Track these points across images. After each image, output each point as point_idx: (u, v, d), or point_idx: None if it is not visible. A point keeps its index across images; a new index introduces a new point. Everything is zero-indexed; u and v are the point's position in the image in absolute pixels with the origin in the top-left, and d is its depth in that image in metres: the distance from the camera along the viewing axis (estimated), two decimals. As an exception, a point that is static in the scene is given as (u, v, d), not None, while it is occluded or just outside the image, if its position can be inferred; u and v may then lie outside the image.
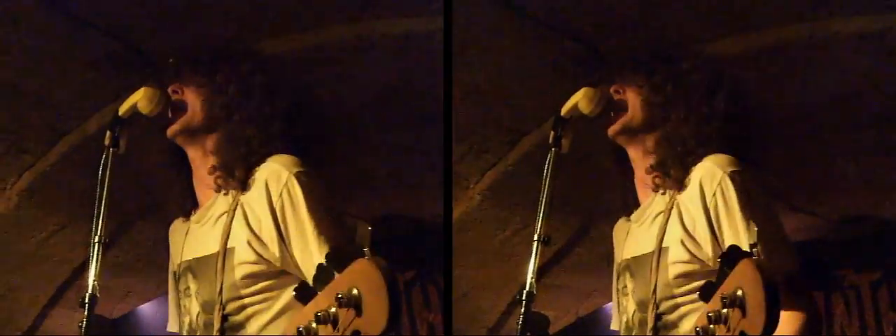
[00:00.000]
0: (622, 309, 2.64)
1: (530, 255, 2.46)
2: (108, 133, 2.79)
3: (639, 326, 2.53)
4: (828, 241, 5.13)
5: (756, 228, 2.28)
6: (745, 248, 2.24)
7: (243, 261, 2.40)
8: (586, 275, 4.79)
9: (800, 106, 3.92)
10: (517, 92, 3.92)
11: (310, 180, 2.43)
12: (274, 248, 2.37)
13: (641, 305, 2.52)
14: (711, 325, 1.80)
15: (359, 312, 1.57)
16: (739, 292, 1.75)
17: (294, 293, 1.73)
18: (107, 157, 2.62)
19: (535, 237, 2.49)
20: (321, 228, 2.36)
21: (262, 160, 2.49)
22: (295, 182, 2.40)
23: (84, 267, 5.35)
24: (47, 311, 5.17)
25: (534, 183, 2.67)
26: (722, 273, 1.82)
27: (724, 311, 1.77)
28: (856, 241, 5.04)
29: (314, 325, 1.63)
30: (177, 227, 2.71)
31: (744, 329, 1.73)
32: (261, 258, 2.39)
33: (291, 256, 2.37)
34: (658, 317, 2.46)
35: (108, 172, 2.60)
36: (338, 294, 1.60)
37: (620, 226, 2.76)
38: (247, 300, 2.39)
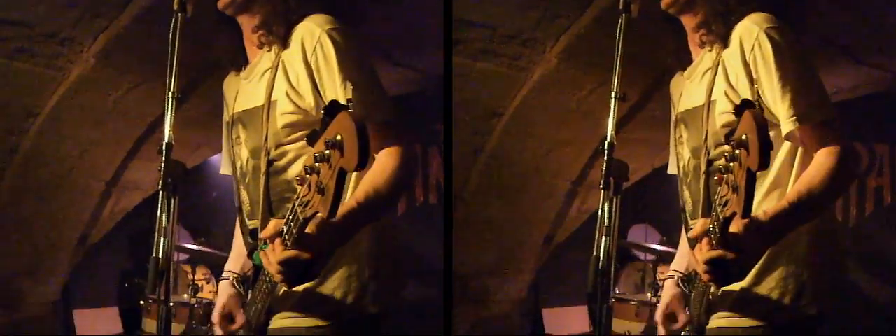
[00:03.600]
0: (679, 156, 2.75)
1: (607, 112, 2.56)
2: (176, -1, 2.86)
3: (693, 171, 2.61)
4: (894, 94, 5.19)
5: (787, 76, 2.40)
6: (779, 93, 2.39)
7: (284, 111, 2.51)
8: (660, 129, 4.81)
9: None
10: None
11: (341, 37, 2.50)
12: (309, 99, 2.48)
13: (695, 152, 2.61)
14: (729, 164, 2.06)
15: (342, 153, 1.94)
16: (744, 137, 2.00)
17: (305, 139, 2.01)
18: (176, 22, 2.70)
19: (613, 94, 2.57)
20: (344, 85, 2.47)
21: (300, 19, 2.56)
22: (327, 39, 2.49)
23: (159, 121, 5.55)
24: (127, 163, 5.40)
25: (606, 44, 2.69)
26: (737, 123, 2.05)
27: (737, 151, 2.02)
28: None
29: (317, 164, 1.99)
30: (229, 81, 2.82)
31: (748, 165, 1.99)
32: (298, 108, 2.50)
33: None
34: (709, 162, 2.58)
35: (177, 35, 2.69)
36: (326, 139, 1.96)
37: (676, 81, 2.83)
38: (288, 147, 2.52)
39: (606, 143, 2.50)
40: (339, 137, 1.94)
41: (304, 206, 2.09)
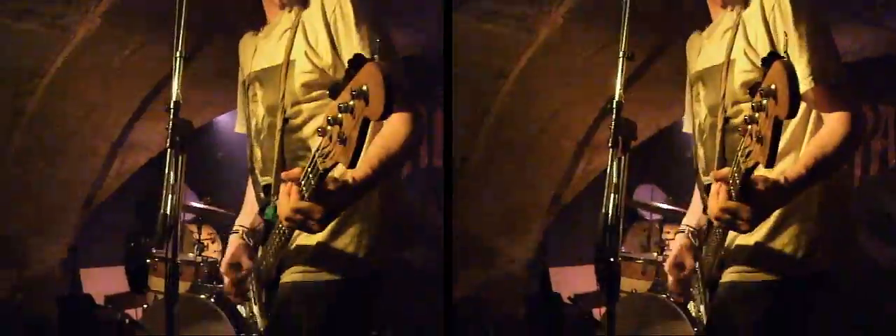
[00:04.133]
0: (695, 114, 2.77)
1: (613, 72, 2.57)
2: (184, -45, 2.85)
3: (709, 129, 2.63)
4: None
5: (805, 36, 2.41)
6: (797, 52, 2.41)
7: (302, 70, 2.54)
8: (665, 89, 4.85)
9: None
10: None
11: None
12: (327, 59, 2.51)
13: (712, 110, 2.63)
14: (755, 114, 2.09)
15: (367, 103, 1.99)
16: (773, 86, 2.03)
17: (328, 91, 2.04)
18: (183, -19, 2.71)
19: (621, 54, 2.58)
20: (368, 41, 2.51)
21: None
22: (347, 0, 2.54)
23: (165, 81, 5.60)
24: (133, 123, 5.42)
25: (612, 4, 2.69)
26: (763, 74, 2.07)
27: (764, 101, 2.05)
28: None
29: (339, 114, 2.03)
30: (246, 41, 2.84)
31: (776, 114, 2.02)
32: (316, 68, 2.53)
33: (343, 66, 2.52)
34: (726, 119, 2.61)
35: (185, -7, 2.69)
36: (352, 90, 2.01)
37: (693, 40, 2.84)
38: (303, 106, 2.55)
39: (615, 101, 2.51)
40: (364, 88, 1.98)
41: (324, 157, 2.13)
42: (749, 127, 2.12)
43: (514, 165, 5.30)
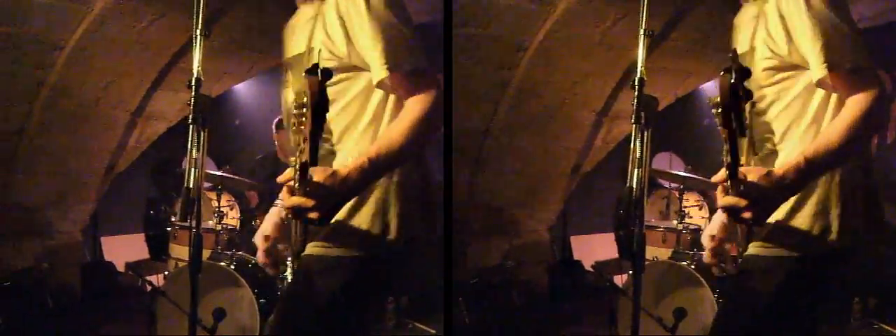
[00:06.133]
0: None
1: (631, 43, 2.58)
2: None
3: None
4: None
5: (817, 22, 2.42)
6: (809, 39, 2.42)
7: (321, 58, 2.59)
8: (682, 59, 4.91)
9: None
10: None
11: None
12: (342, 47, 2.56)
13: None
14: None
15: (308, 113, 2.21)
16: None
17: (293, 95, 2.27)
18: (200, -43, 2.73)
19: (641, 32, 2.60)
20: (378, 31, 2.55)
21: None
22: None
23: (183, 52, 5.61)
24: (151, 93, 5.45)
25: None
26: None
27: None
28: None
29: (302, 116, 2.23)
30: (287, 28, 2.91)
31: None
32: (333, 55, 2.59)
33: (357, 54, 2.59)
34: (752, 104, 2.61)
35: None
36: (303, 94, 2.22)
37: (734, 22, 2.89)
38: (328, 89, 2.61)
39: (636, 78, 2.54)
40: (304, 99, 2.18)
41: (300, 154, 2.24)
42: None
43: (534, 136, 5.33)
